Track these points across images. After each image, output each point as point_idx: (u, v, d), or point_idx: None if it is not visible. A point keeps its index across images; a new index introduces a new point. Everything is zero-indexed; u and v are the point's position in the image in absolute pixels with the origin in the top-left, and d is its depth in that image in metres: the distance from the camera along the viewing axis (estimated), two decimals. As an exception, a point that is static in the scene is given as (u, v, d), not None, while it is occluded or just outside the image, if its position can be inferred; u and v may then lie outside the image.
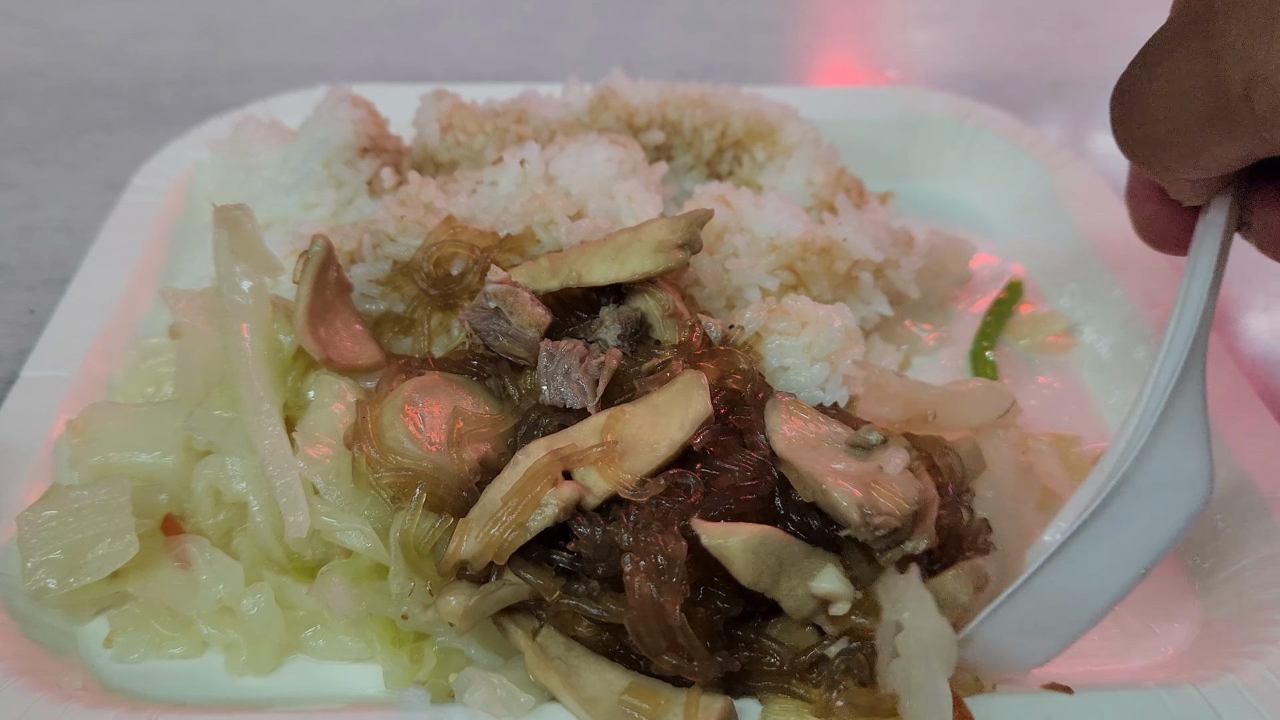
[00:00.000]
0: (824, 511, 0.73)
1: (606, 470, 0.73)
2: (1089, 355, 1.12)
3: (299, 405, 0.85)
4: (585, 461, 0.73)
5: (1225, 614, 0.83)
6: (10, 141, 1.54)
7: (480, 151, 1.20)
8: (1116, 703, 0.72)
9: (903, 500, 0.71)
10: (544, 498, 0.72)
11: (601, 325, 0.86)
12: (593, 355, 0.81)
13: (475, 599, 0.71)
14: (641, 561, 0.69)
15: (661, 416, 0.76)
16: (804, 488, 0.73)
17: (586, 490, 0.73)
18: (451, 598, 0.71)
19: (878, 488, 0.72)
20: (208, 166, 1.27)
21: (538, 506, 0.72)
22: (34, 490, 0.84)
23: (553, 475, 0.73)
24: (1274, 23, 0.56)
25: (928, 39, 2.04)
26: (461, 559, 0.72)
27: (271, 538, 0.80)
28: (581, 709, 0.70)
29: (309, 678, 0.78)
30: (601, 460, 0.73)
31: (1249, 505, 0.88)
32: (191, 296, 0.88)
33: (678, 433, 0.74)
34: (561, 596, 0.73)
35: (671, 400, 0.77)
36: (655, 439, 0.75)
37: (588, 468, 0.73)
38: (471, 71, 1.80)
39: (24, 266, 1.26)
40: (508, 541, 0.72)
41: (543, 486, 0.72)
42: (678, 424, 0.75)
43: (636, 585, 0.69)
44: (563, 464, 0.73)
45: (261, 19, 1.99)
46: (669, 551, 0.70)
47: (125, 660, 0.78)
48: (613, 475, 0.72)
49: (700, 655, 0.70)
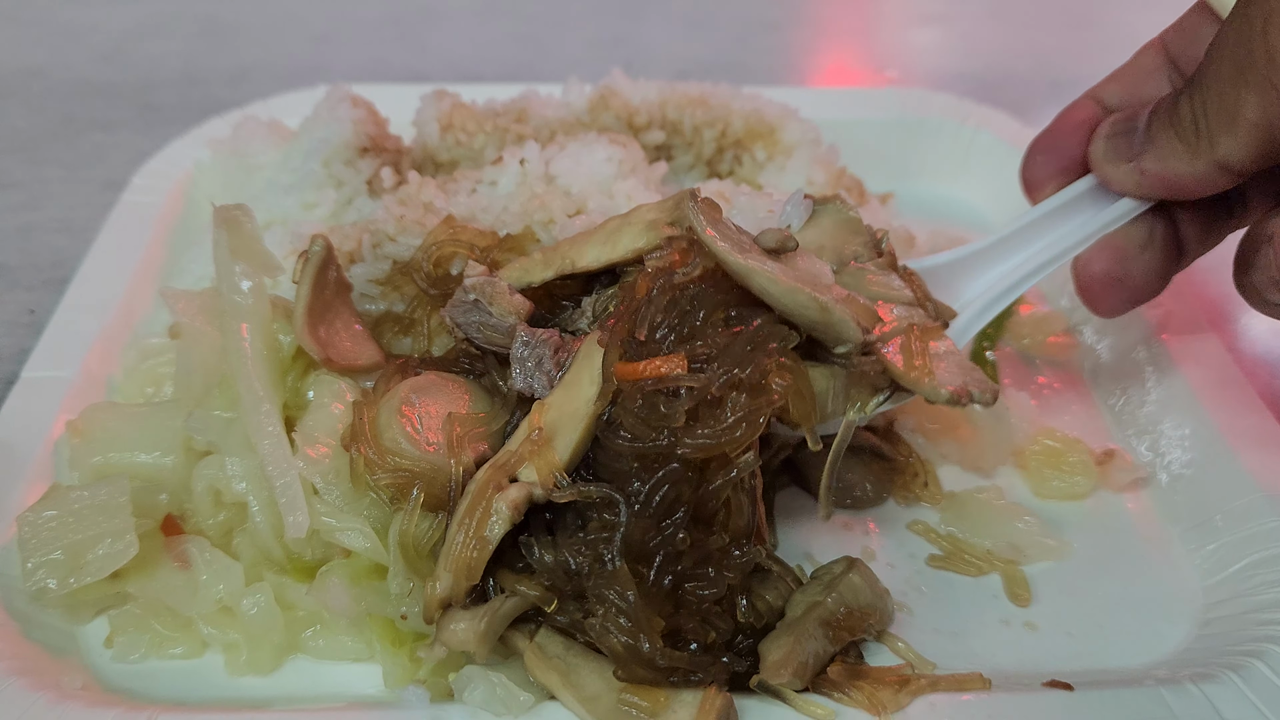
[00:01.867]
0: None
1: (539, 462, 0.73)
2: (1089, 356, 1.12)
3: (298, 405, 0.85)
4: (521, 461, 0.74)
5: (1226, 613, 0.83)
6: (10, 141, 1.54)
7: (480, 151, 1.20)
8: (1118, 700, 0.72)
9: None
10: (493, 505, 0.72)
11: (582, 315, 0.85)
12: (566, 346, 0.81)
13: (484, 621, 0.71)
14: (606, 622, 0.70)
15: (572, 387, 0.76)
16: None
17: (532, 485, 0.73)
18: (455, 626, 0.72)
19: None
20: (208, 166, 1.27)
21: (490, 515, 0.72)
22: (34, 490, 0.84)
23: (497, 483, 0.73)
24: None
25: (928, 39, 2.04)
26: (440, 599, 0.72)
27: (271, 538, 0.80)
28: (581, 707, 0.71)
29: (309, 677, 0.78)
30: (533, 453, 0.74)
31: (1249, 506, 0.88)
32: (191, 296, 0.88)
33: (589, 388, 0.74)
34: (557, 612, 0.73)
35: (577, 369, 0.77)
36: (573, 408, 0.74)
37: (527, 465, 0.74)
38: (471, 71, 1.80)
39: (24, 266, 1.26)
40: (474, 558, 0.72)
41: (490, 497, 0.72)
42: (587, 380, 0.75)
43: (610, 645, 0.70)
44: (503, 472, 0.74)
45: (261, 19, 1.99)
46: (627, 598, 0.70)
47: (125, 660, 0.78)
48: (544, 466, 0.73)
49: (700, 666, 0.71)
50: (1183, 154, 0.76)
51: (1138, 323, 1.08)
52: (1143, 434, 1.01)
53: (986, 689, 0.74)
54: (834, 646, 0.76)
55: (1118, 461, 0.97)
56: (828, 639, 0.75)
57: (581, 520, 0.74)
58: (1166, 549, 0.91)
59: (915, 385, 0.76)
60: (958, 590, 0.86)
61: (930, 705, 0.72)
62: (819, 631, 0.75)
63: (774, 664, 0.72)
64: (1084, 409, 1.06)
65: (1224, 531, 0.88)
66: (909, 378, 0.76)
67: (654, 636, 0.70)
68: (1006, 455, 0.97)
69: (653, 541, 0.72)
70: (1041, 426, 1.00)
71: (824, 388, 0.76)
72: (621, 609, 0.70)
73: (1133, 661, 0.80)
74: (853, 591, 0.78)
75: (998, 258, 0.91)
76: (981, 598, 0.86)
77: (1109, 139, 0.83)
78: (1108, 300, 0.88)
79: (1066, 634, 0.83)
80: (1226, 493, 0.90)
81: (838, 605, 0.77)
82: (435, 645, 0.73)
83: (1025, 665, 0.79)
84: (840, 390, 0.77)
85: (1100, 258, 0.86)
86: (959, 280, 0.90)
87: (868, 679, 0.73)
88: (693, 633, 0.73)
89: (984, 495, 0.93)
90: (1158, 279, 0.87)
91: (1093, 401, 1.07)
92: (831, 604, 0.77)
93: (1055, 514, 0.93)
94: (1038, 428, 0.99)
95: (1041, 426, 1.00)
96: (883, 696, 0.72)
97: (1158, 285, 0.87)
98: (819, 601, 0.77)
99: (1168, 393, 1.01)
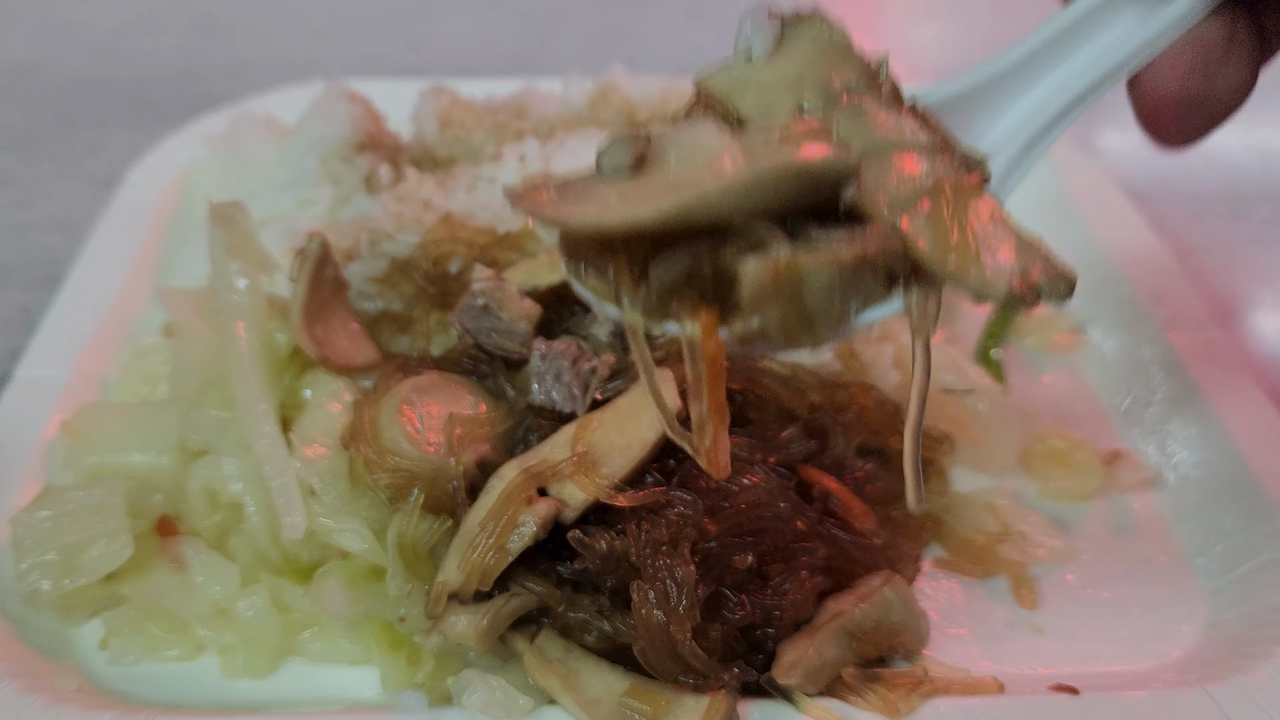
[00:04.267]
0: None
1: (583, 480, 0.72)
2: (1095, 354, 1.11)
3: (295, 405, 0.84)
4: (559, 476, 0.73)
5: (1233, 616, 0.82)
6: (4, 138, 1.53)
7: (479, 147, 1.19)
8: (1125, 704, 0.72)
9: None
10: (520, 517, 0.71)
11: (595, 321, 0.84)
12: (585, 357, 0.80)
13: (487, 619, 0.71)
14: (650, 592, 0.69)
15: (629, 419, 0.75)
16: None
17: (563, 504, 0.72)
18: (456, 619, 0.71)
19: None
20: (204, 163, 1.26)
21: (515, 527, 0.71)
22: (28, 491, 0.83)
23: (527, 493, 0.72)
24: None
25: (930, 34, 2.03)
26: (447, 594, 0.72)
27: (268, 539, 0.79)
28: (582, 711, 0.70)
29: (306, 680, 0.77)
30: (576, 472, 0.73)
31: (1257, 507, 0.87)
32: (187, 295, 0.88)
33: (648, 433, 0.73)
34: (568, 609, 0.73)
35: (638, 400, 0.76)
36: (626, 442, 0.74)
37: (562, 481, 0.73)
38: (470, 67, 1.79)
39: (18, 265, 1.26)
40: (490, 565, 0.71)
41: (517, 506, 0.72)
42: (646, 424, 0.74)
43: (645, 615, 0.69)
44: (536, 481, 0.73)
45: (258, 14, 1.98)
46: (678, 577, 0.69)
47: (121, 662, 0.78)
48: (588, 484, 0.72)
49: (715, 672, 0.70)
50: None
51: (1145, 322, 1.07)
52: (1150, 434, 1.00)
53: (1000, 692, 0.73)
54: (855, 658, 0.74)
55: (1124, 462, 0.96)
56: (850, 649, 0.74)
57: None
58: (1174, 550, 0.90)
59: (957, 275, 0.52)
60: (963, 591, 0.86)
61: (936, 709, 0.71)
62: (842, 641, 0.74)
63: (786, 665, 0.71)
64: (1090, 409, 1.05)
65: (1232, 533, 0.87)
66: (945, 263, 0.52)
67: (686, 628, 0.69)
68: (1012, 455, 0.96)
69: (714, 547, 0.71)
70: (1048, 426, 0.99)
71: (824, 283, 0.52)
72: (671, 585, 0.68)
73: (1140, 664, 0.80)
74: (884, 606, 0.76)
75: (1026, 81, 0.66)
76: (987, 599, 0.85)
77: None
78: (1185, 125, 0.66)
79: (1073, 636, 0.82)
80: (1234, 493, 0.89)
81: (865, 618, 0.75)
82: (434, 634, 0.73)
83: (1031, 668, 0.79)
84: (845, 283, 0.53)
85: (1174, 71, 0.64)
86: (979, 116, 0.66)
87: (881, 681, 0.73)
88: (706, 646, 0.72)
89: (990, 495, 0.92)
90: (1244, 90, 0.66)
91: (1099, 401, 1.06)
92: (859, 616, 0.75)
93: (1061, 515, 0.92)
94: (1044, 428, 0.98)
95: (1048, 426, 0.99)
96: (895, 698, 0.71)
97: (1242, 98, 0.66)
98: (844, 611, 0.75)
99: (1175, 393, 1.00)
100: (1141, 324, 1.07)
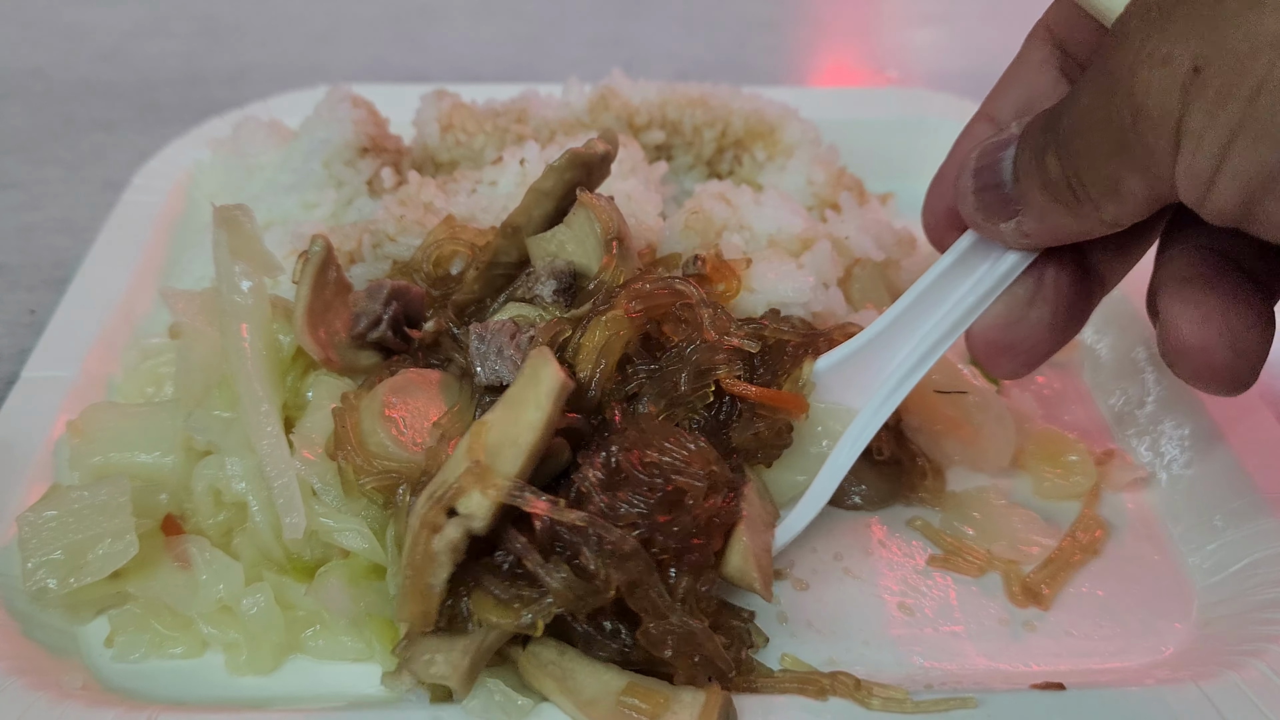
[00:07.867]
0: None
1: (485, 490, 0.70)
2: (1089, 355, 1.11)
3: (298, 406, 0.85)
4: (460, 492, 0.70)
5: (1226, 613, 0.83)
6: (10, 141, 1.54)
7: (480, 151, 1.20)
8: (1117, 700, 0.72)
9: None
10: (433, 550, 0.70)
11: (538, 281, 0.85)
12: (522, 330, 0.80)
13: (468, 659, 0.70)
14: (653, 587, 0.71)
15: (517, 407, 0.73)
16: None
17: (470, 517, 0.70)
18: (432, 658, 0.70)
19: None
20: (208, 166, 1.27)
21: (431, 563, 0.70)
22: (34, 491, 0.84)
23: (435, 523, 0.70)
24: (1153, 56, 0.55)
25: (928, 39, 2.04)
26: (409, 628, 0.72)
27: (271, 538, 0.80)
28: (580, 713, 0.70)
29: (309, 677, 0.78)
30: (474, 483, 0.70)
31: (1248, 506, 0.88)
32: (191, 296, 0.88)
33: (534, 413, 0.71)
34: (545, 633, 0.72)
35: (522, 387, 0.74)
36: (516, 432, 0.72)
37: (467, 494, 0.70)
38: (471, 71, 1.80)
39: (24, 266, 1.26)
40: (426, 609, 0.71)
41: (426, 540, 0.70)
42: (532, 405, 0.72)
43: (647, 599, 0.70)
44: (441, 505, 0.70)
45: (261, 19, 1.99)
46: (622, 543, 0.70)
47: (126, 660, 0.78)
48: (490, 490, 0.70)
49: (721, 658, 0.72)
50: (1064, 213, 0.65)
51: (1137, 323, 1.08)
52: (1143, 434, 1.01)
53: (973, 707, 0.73)
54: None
55: (1118, 461, 0.97)
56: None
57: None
58: (1166, 549, 0.91)
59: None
60: (957, 589, 0.86)
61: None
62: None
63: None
64: (1084, 409, 1.06)
65: (1224, 531, 0.88)
66: None
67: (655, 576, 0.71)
68: (1007, 455, 0.97)
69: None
70: (1042, 426, 0.99)
71: None
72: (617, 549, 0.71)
73: (1133, 661, 0.80)
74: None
75: (901, 335, 0.82)
76: (981, 597, 0.86)
77: (978, 195, 0.71)
78: (1004, 367, 0.76)
79: (1066, 633, 0.83)
80: (1226, 492, 0.90)
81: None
82: (403, 674, 0.72)
83: (1024, 665, 0.79)
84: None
85: (983, 321, 0.75)
86: (864, 371, 0.83)
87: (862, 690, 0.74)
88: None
89: (984, 494, 0.92)
90: (1056, 333, 0.75)
91: (1093, 401, 1.07)
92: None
93: (1055, 513, 0.93)
94: (1038, 428, 0.99)
95: (1042, 426, 0.99)
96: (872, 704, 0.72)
97: (1059, 338, 0.75)
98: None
99: (1168, 392, 1.01)
100: (1134, 326, 1.08)
